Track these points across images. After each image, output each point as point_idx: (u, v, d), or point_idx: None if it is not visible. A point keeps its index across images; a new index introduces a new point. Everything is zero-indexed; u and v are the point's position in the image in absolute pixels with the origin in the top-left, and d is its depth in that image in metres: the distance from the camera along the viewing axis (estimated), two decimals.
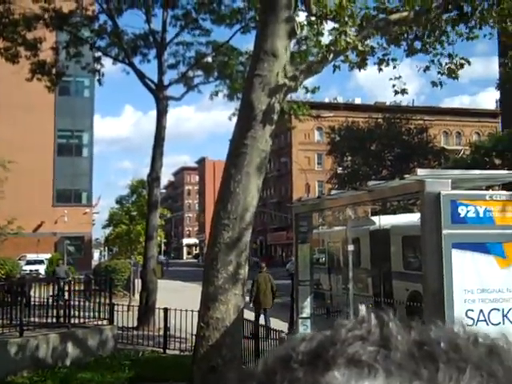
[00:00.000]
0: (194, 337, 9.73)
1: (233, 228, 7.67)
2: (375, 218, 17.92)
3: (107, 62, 20.90)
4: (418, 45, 10.75)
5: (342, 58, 9.83)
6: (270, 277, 16.72)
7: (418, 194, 7.38)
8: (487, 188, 10.52)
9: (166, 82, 20.00)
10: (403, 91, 10.87)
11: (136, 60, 20.32)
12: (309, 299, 10.95)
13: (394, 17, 9.47)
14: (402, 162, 51.91)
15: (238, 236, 7.68)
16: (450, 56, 10.80)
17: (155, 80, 19.65)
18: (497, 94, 52.40)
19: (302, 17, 10.46)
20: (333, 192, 14.50)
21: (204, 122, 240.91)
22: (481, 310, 6.79)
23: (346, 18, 9.19)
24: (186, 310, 14.01)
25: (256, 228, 69.75)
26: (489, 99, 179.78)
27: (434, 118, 75.30)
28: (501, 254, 6.94)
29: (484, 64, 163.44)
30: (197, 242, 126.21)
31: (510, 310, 6.90)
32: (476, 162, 31.48)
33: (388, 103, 66.60)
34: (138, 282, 22.55)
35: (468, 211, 6.84)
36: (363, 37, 9.27)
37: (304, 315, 10.86)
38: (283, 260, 67.79)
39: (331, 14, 9.31)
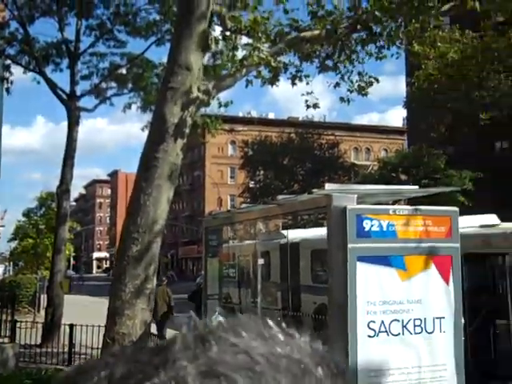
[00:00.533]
0: (100, 353, 9.48)
1: (142, 241, 7.56)
2: (285, 232, 18.11)
3: (17, 70, 20.11)
4: (329, 63, 11.07)
5: (254, 73, 9.97)
6: (168, 290, 16.98)
7: (326, 208, 7.49)
8: (393, 203, 10.87)
9: (78, 93, 19.49)
10: (315, 105, 11.15)
11: (48, 69, 19.68)
12: (217, 313, 10.93)
13: (306, 34, 9.71)
14: (314, 176, 52.84)
15: (146, 249, 7.58)
16: (359, 74, 11.20)
17: (67, 90, 19.16)
18: (404, 112, 54.45)
19: (217, 31, 10.53)
20: (243, 206, 14.58)
21: (117, 134, 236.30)
22: (382, 321, 6.96)
23: (260, 34, 9.34)
24: (93, 326, 13.62)
25: (167, 241, 69.13)
26: (397, 117, 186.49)
27: (345, 134, 77.36)
28: (402, 266, 7.16)
29: (392, 83, 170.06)
30: (107, 255, 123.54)
31: (409, 321, 7.13)
32: (383, 178, 32.45)
33: (301, 118, 68.09)
34: (44, 298, 21.77)
35: (372, 225, 7.02)
36: (275, 52, 9.44)
37: None
38: (194, 274, 67.30)
39: (245, 30, 9.43)
